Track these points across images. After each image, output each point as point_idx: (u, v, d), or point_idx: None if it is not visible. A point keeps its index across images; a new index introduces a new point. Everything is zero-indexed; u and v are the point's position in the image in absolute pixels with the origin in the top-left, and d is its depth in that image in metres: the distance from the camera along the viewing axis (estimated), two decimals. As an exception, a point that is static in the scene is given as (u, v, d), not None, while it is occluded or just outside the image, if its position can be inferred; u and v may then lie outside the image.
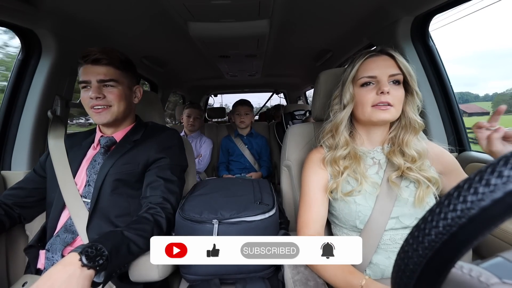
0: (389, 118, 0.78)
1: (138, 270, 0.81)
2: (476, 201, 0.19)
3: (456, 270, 0.24)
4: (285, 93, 4.44)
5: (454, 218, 0.20)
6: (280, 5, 1.17)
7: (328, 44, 1.84)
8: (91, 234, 0.88)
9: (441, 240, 0.21)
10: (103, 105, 0.95)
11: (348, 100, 0.83)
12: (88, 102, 0.94)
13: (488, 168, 0.20)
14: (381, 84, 0.76)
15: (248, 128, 2.41)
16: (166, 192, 0.95)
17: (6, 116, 1.21)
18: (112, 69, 0.95)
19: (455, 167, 0.83)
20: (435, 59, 1.26)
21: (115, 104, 0.96)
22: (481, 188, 0.19)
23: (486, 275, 0.23)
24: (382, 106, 0.76)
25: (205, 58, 2.02)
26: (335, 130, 0.86)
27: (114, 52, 0.97)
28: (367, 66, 0.80)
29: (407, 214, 0.75)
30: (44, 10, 1.10)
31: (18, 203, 0.98)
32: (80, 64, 0.95)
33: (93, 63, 0.93)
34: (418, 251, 0.23)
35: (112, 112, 0.97)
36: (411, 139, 0.80)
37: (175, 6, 1.13)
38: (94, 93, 0.92)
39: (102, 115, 0.95)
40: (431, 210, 0.23)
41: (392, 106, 0.76)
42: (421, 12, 1.17)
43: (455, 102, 1.26)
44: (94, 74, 0.93)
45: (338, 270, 0.67)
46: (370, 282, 0.60)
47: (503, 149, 0.67)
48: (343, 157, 0.83)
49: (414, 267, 0.23)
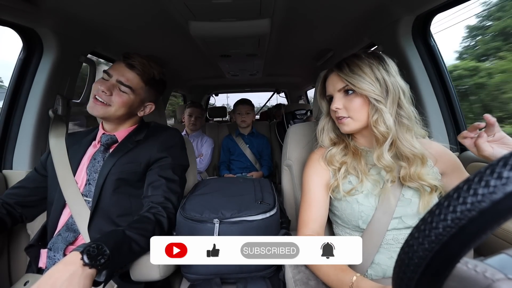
0: (349, 130, 0.82)
1: (139, 269, 0.81)
2: (487, 193, 0.19)
3: (461, 265, 0.24)
4: (286, 92, 4.43)
5: (463, 211, 0.20)
6: (281, 4, 1.17)
7: (329, 43, 1.83)
8: (92, 233, 0.88)
9: (449, 234, 0.21)
10: (102, 102, 0.95)
11: (325, 111, 0.91)
12: (95, 92, 0.95)
13: (487, 169, 0.20)
14: (333, 101, 0.82)
15: (249, 127, 2.41)
16: (167, 192, 0.95)
17: (7, 115, 1.21)
18: (138, 79, 0.98)
19: (457, 166, 0.83)
20: (437, 58, 1.26)
21: (115, 106, 0.96)
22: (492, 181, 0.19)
23: (491, 271, 0.23)
24: (339, 120, 0.82)
25: (206, 58, 2.01)
26: (318, 134, 0.93)
27: (152, 68, 1.00)
28: (326, 84, 0.87)
29: (410, 215, 0.75)
30: (46, 9, 1.10)
31: (19, 202, 0.98)
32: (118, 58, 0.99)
33: (127, 65, 0.96)
34: (424, 244, 0.23)
35: (107, 110, 0.96)
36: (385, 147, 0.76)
37: (176, 5, 1.12)
38: (103, 86, 0.93)
39: (96, 107, 0.95)
40: (438, 203, 0.23)
41: (348, 117, 0.80)
42: (423, 11, 1.16)
43: (456, 101, 1.26)
44: (120, 73, 0.96)
45: (331, 268, 0.67)
46: (360, 279, 0.61)
47: (493, 151, 0.69)
48: (338, 154, 0.85)
49: (419, 261, 0.23)
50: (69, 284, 0.58)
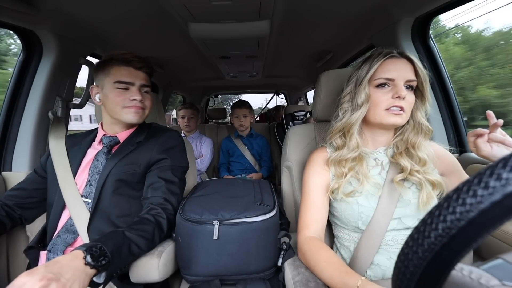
0: (400, 123, 0.77)
1: (139, 270, 0.81)
2: (475, 203, 0.19)
3: (456, 272, 0.24)
4: (286, 94, 4.44)
5: (453, 220, 0.20)
6: (281, 6, 1.17)
7: (329, 45, 1.84)
8: (91, 234, 0.88)
9: (441, 243, 0.21)
10: (141, 107, 1.01)
11: (363, 100, 0.79)
12: (126, 103, 0.98)
13: (486, 170, 0.20)
14: (398, 88, 0.75)
15: (247, 129, 2.41)
16: (167, 193, 0.95)
17: (7, 117, 1.21)
18: (147, 77, 1.05)
19: (456, 168, 0.83)
20: (436, 60, 1.26)
21: (148, 108, 1.05)
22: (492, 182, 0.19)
23: (486, 277, 0.23)
24: (395, 111, 0.75)
25: (205, 59, 2.02)
26: (348, 130, 0.82)
27: (150, 63, 1.05)
28: (386, 67, 0.77)
29: (409, 215, 0.75)
30: (45, 11, 1.10)
31: (19, 204, 0.98)
32: (116, 63, 0.97)
33: (137, 68, 0.99)
34: (418, 253, 0.23)
35: (145, 114, 1.05)
36: (422, 142, 0.79)
37: (176, 7, 1.13)
38: (138, 95, 0.99)
39: (139, 114, 1.01)
40: (431, 212, 0.23)
41: (404, 111, 0.76)
42: (422, 13, 1.17)
43: (456, 103, 1.26)
44: (139, 78, 1.00)
45: (335, 271, 0.67)
46: (366, 282, 0.60)
47: (491, 151, 0.70)
48: (351, 159, 0.82)
49: (414, 269, 0.23)
50: (73, 274, 0.58)
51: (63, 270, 0.57)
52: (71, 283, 0.56)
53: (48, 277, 0.53)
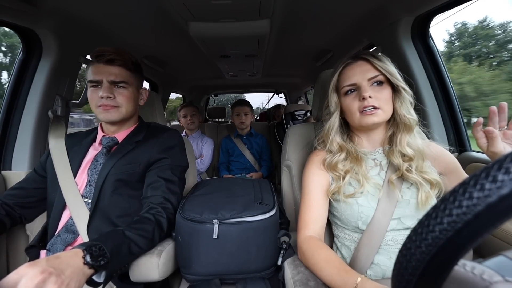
0: (378, 121, 0.79)
1: (139, 270, 0.81)
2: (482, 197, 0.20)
3: (459, 268, 0.24)
4: (286, 93, 4.44)
5: (459, 214, 0.20)
6: (281, 5, 1.17)
7: (329, 44, 1.84)
8: (91, 234, 0.88)
9: (446, 237, 0.21)
10: (112, 105, 0.96)
11: (334, 108, 0.87)
12: (97, 101, 0.95)
13: (482, 172, 0.20)
14: (361, 90, 0.78)
15: (247, 128, 2.41)
16: (167, 192, 0.95)
17: (7, 116, 1.21)
18: (124, 71, 0.97)
19: (456, 167, 0.83)
20: (436, 59, 1.26)
21: (124, 105, 0.98)
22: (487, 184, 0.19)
23: (489, 273, 0.23)
24: (368, 111, 0.78)
25: (205, 58, 2.02)
26: (326, 136, 0.89)
27: (127, 54, 0.98)
28: (346, 74, 0.82)
29: (409, 216, 0.75)
30: (45, 10, 1.10)
31: (19, 203, 0.98)
32: (90, 62, 0.95)
33: (106, 63, 0.94)
34: (421, 247, 0.23)
35: (120, 112, 0.98)
36: (404, 137, 0.79)
37: (176, 6, 1.13)
38: (105, 92, 0.93)
39: (110, 113, 0.96)
40: (435, 206, 0.23)
41: (379, 108, 0.77)
42: (422, 12, 1.17)
43: (455, 102, 1.26)
44: (107, 74, 0.94)
45: (334, 270, 0.67)
46: (364, 281, 0.61)
47: (503, 150, 0.67)
48: (342, 161, 0.84)
49: (417, 264, 0.23)
50: (72, 272, 0.58)
51: (63, 266, 0.57)
52: (69, 281, 0.56)
53: (49, 271, 0.53)
